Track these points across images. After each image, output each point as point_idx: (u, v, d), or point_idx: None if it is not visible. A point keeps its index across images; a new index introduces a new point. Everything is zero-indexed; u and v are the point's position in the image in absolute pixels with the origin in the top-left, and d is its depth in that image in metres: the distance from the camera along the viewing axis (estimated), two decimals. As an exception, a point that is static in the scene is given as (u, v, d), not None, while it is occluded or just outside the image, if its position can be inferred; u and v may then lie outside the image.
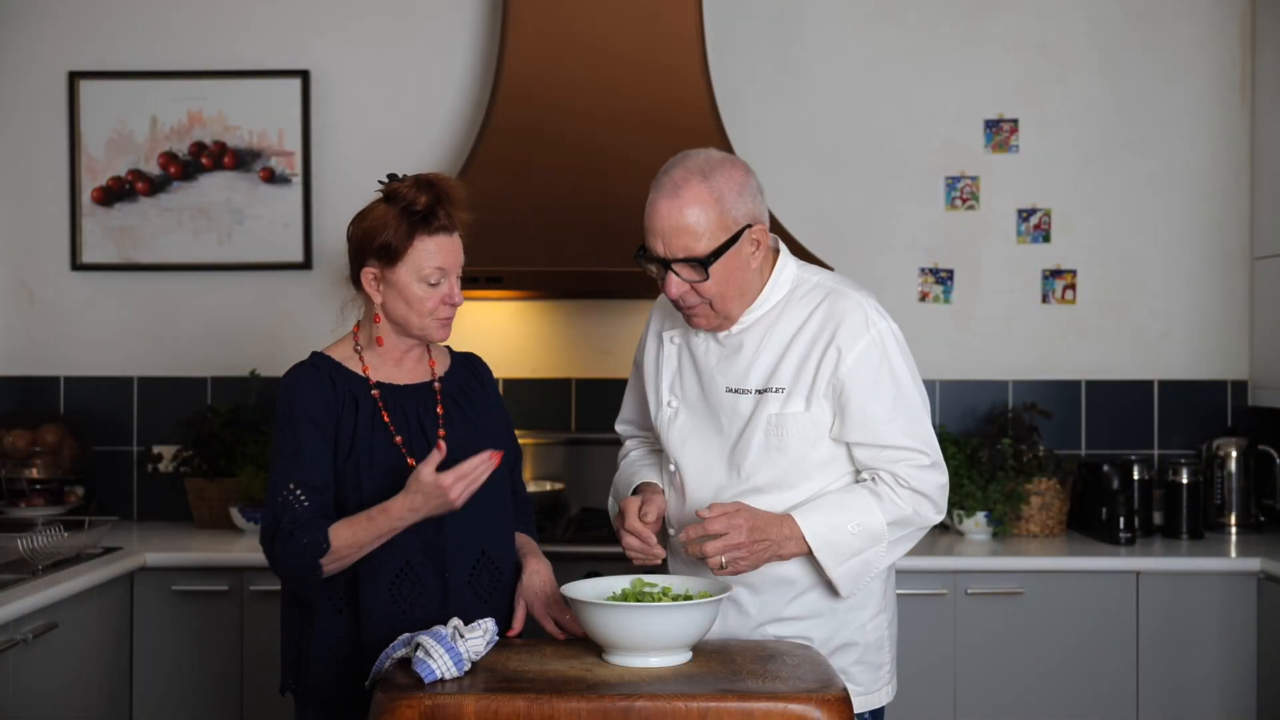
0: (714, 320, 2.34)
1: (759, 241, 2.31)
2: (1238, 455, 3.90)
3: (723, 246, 2.25)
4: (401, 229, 2.28)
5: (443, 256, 2.30)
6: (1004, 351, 4.06)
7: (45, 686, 2.96)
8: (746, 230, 2.28)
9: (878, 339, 2.32)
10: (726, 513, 2.22)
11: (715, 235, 2.25)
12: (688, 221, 2.24)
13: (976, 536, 3.71)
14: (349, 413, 2.30)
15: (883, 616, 2.43)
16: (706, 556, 2.22)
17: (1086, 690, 3.44)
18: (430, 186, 2.30)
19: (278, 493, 2.26)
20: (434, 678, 1.97)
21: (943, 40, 4.06)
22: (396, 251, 2.28)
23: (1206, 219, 4.06)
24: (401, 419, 2.34)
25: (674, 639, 2.08)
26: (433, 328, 2.34)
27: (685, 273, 2.27)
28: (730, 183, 2.26)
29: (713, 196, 2.24)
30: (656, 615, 2.05)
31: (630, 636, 2.05)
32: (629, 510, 2.35)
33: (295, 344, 3.93)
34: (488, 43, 4.04)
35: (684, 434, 2.42)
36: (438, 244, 2.30)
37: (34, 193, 4.08)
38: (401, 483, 2.23)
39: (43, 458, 3.89)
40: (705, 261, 2.25)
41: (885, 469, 2.32)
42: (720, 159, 2.30)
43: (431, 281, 2.30)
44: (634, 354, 2.61)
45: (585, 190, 3.68)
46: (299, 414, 2.29)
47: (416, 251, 2.28)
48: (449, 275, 2.32)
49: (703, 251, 2.24)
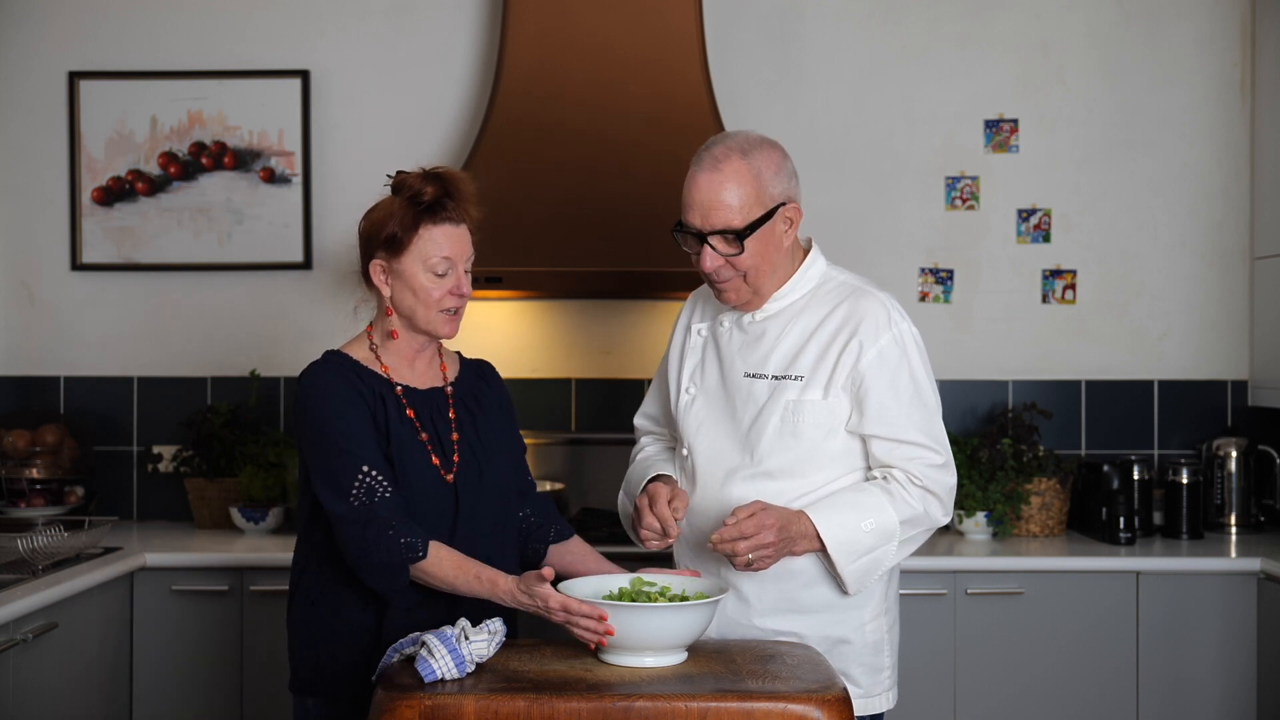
0: (745, 294, 2.40)
1: (791, 220, 2.38)
2: (1238, 455, 3.90)
3: (758, 221, 2.32)
4: (407, 218, 2.29)
5: (449, 246, 2.30)
6: (1004, 351, 4.06)
7: (45, 686, 2.96)
8: (781, 208, 2.35)
9: (899, 338, 2.37)
10: (753, 513, 2.24)
11: (751, 209, 2.32)
12: (726, 195, 2.32)
13: (976, 537, 3.71)
14: (379, 407, 2.29)
15: (883, 619, 2.44)
16: (737, 556, 2.24)
17: (1086, 690, 3.44)
18: (438, 178, 2.32)
19: (353, 474, 2.21)
20: (434, 677, 1.97)
21: (942, 40, 4.06)
22: (402, 241, 2.29)
23: (1206, 219, 4.05)
24: (424, 420, 2.34)
25: (670, 639, 2.07)
26: (439, 322, 2.32)
27: (721, 246, 2.33)
28: (768, 161, 2.35)
29: (751, 172, 2.32)
30: (653, 615, 2.04)
31: (625, 636, 2.05)
32: (659, 495, 2.36)
33: (295, 344, 3.95)
34: (488, 43, 4.04)
35: (699, 418, 2.45)
36: (444, 233, 2.30)
37: (34, 193, 4.08)
38: (424, 483, 2.24)
39: (43, 458, 3.89)
40: (741, 234, 2.31)
41: (899, 465, 2.35)
42: (759, 139, 2.38)
43: (438, 271, 2.30)
44: (640, 351, 2.64)
45: (585, 190, 3.68)
46: (339, 402, 2.26)
47: (422, 240, 2.29)
48: (456, 266, 2.31)
49: (739, 224, 2.32)
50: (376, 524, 2.18)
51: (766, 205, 2.33)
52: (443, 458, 2.31)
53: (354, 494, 2.21)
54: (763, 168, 2.33)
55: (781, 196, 2.35)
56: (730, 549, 2.24)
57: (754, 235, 2.32)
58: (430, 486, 2.29)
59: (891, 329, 2.36)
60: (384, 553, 2.18)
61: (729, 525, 2.24)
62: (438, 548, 2.20)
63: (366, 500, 2.20)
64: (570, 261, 3.59)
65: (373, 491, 2.21)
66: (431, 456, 2.30)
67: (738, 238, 2.32)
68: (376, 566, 2.19)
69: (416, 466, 2.29)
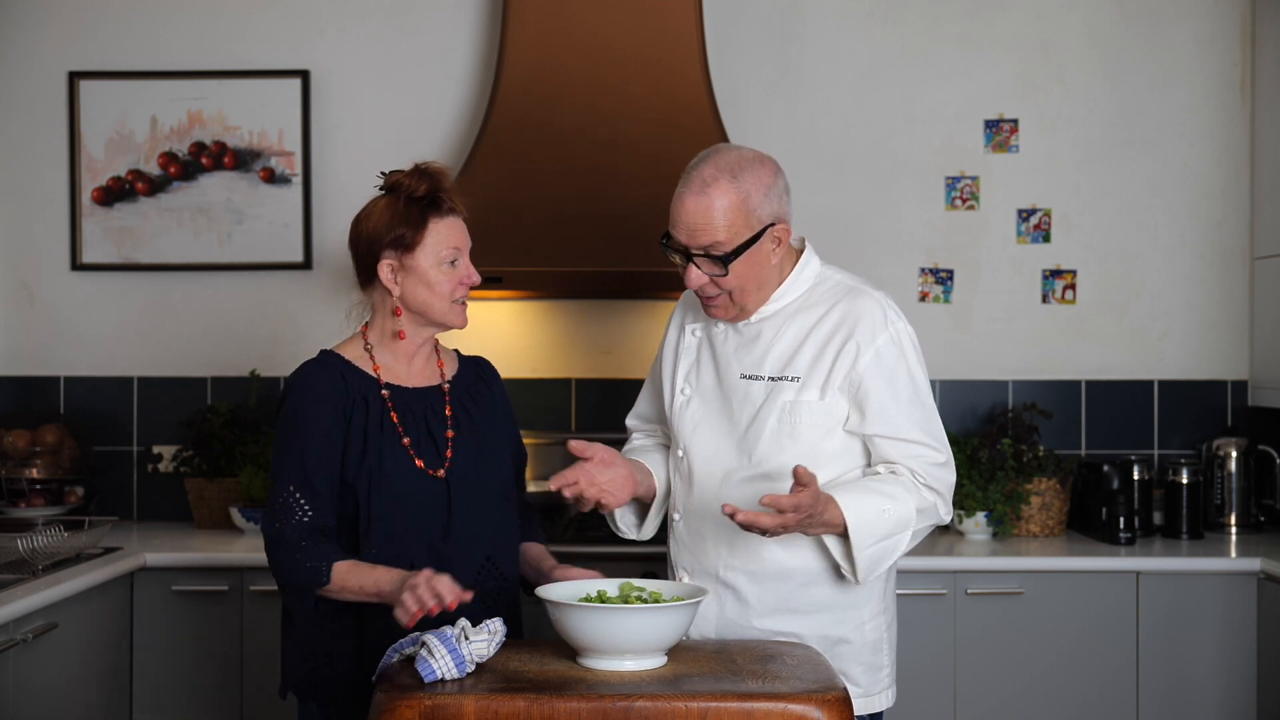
0: (731, 311, 2.38)
1: (780, 239, 2.35)
2: (1238, 455, 3.90)
3: (744, 245, 2.30)
4: (413, 214, 2.32)
5: (456, 237, 2.36)
6: (1004, 351, 4.06)
7: (45, 686, 2.96)
8: (769, 229, 2.32)
9: (896, 337, 2.36)
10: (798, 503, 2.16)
11: (738, 233, 2.29)
12: (713, 219, 2.29)
13: (976, 536, 3.71)
14: (359, 412, 2.31)
15: (882, 618, 2.44)
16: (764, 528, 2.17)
17: (1086, 690, 3.44)
18: (426, 173, 2.36)
19: (279, 493, 2.27)
20: (434, 677, 1.97)
21: (942, 40, 4.06)
22: (413, 238, 2.32)
23: (1206, 219, 4.05)
24: (410, 421, 2.34)
25: (646, 641, 2.04)
26: (454, 312, 2.37)
27: (706, 266, 2.31)
28: (758, 183, 2.31)
29: (739, 196, 2.29)
30: (628, 617, 2.02)
31: (602, 638, 2.03)
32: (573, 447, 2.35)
33: (295, 344, 3.95)
34: (488, 43, 4.04)
35: (695, 420, 2.44)
36: (448, 225, 2.35)
37: (34, 193, 4.08)
38: (408, 485, 2.25)
39: (43, 458, 3.89)
40: (727, 258, 2.29)
41: (904, 463, 2.35)
42: (751, 157, 2.33)
43: (449, 261, 2.34)
44: (640, 351, 2.64)
45: (585, 190, 3.68)
46: (306, 413, 2.30)
47: (431, 234, 2.33)
48: (463, 255, 2.37)
49: (725, 248, 2.29)
50: (285, 546, 2.25)
51: (754, 228, 2.30)
52: (431, 456, 2.32)
53: (271, 513, 2.28)
54: (751, 190, 2.30)
55: (770, 218, 2.32)
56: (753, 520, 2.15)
57: (740, 258, 2.30)
58: (416, 488, 2.29)
59: (888, 328, 2.36)
60: (291, 573, 2.25)
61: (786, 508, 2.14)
62: (342, 573, 2.23)
63: (283, 519, 2.26)
64: (570, 261, 3.59)
65: (290, 512, 2.26)
66: (415, 459, 2.31)
67: (723, 261, 2.29)
68: (285, 586, 2.29)
69: (398, 469, 2.30)
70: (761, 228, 2.31)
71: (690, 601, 2.08)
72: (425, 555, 2.28)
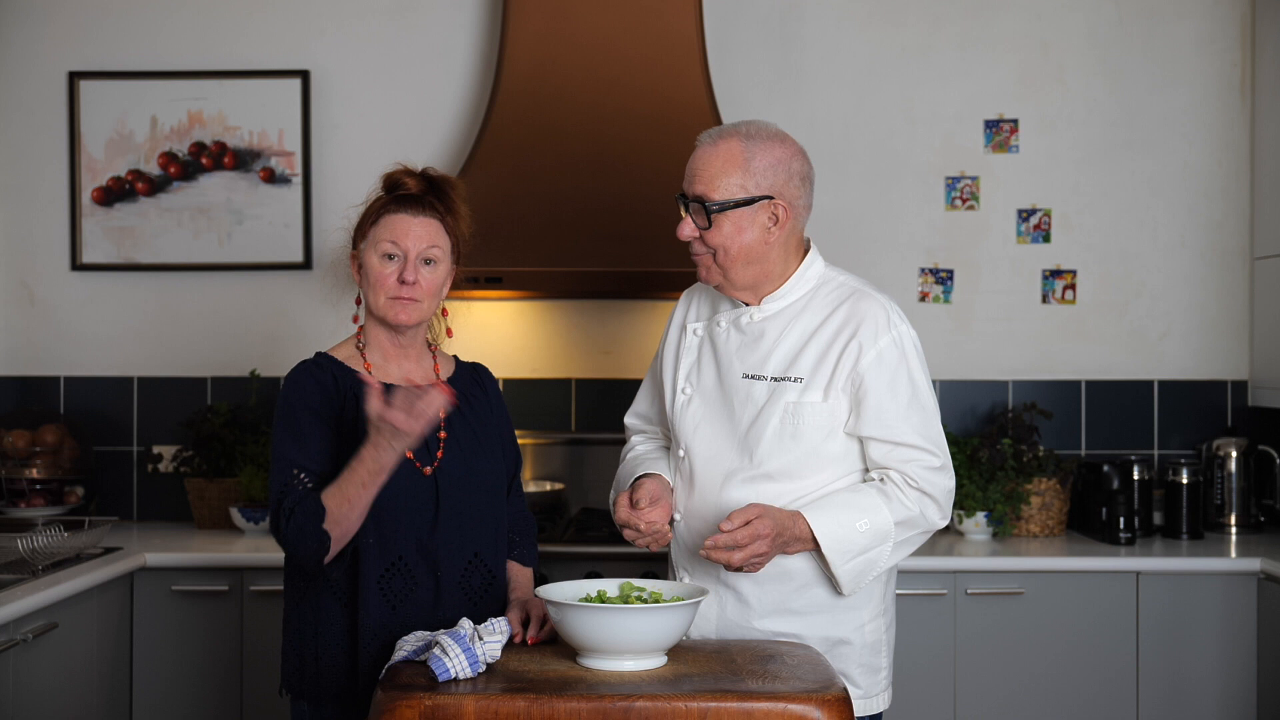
0: (715, 275, 2.39)
1: (778, 217, 2.35)
2: (1238, 455, 3.90)
3: (734, 203, 2.32)
4: (375, 208, 2.36)
5: (400, 232, 2.31)
6: (1004, 351, 4.06)
7: (45, 686, 2.96)
8: (766, 200, 2.33)
9: (898, 340, 2.36)
10: (748, 520, 2.22)
11: (731, 189, 2.32)
12: (711, 166, 2.33)
13: (976, 537, 3.71)
14: (351, 409, 2.31)
15: (881, 620, 2.44)
16: (731, 565, 2.24)
17: (1086, 690, 3.44)
18: (422, 175, 2.37)
19: (282, 479, 2.25)
20: (448, 676, 1.98)
21: (943, 40, 4.06)
22: (365, 229, 2.35)
23: (1206, 219, 4.06)
24: None
25: (646, 642, 2.05)
26: (389, 308, 2.33)
27: (697, 218, 2.35)
28: (767, 152, 2.34)
29: (744, 156, 2.33)
30: (627, 617, 2.02)
31: (602, 638, 2.03)
32: (620, 505, 2.40)
33: (295, 344, 3.94)
34: (488, 43, 4.04)
35: (696, 419, 2.44)
36: (400, 220, 2.32)
37: (34, 193, 4.08)
38: (397, 479, 2.25)
39: (43, 458, 3.89)
40: (710, 208, 2.31)
41: (896, 468, 2.35)
42: (774, 133, 2.38)
43: (385, 253, 2.32)
44: (640, 351, 2.64)
45: (585, 190, 3.68)
46: (301, 405, 2.30)
47: (379, 227, 2.34)
48: (407, 254, 2.32)
49: (712, 199, 2.32)
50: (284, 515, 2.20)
51: (750, 192, 2.32)
52: (422, 453, 2.32)
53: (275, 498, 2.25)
54: (758, 154, 2.33)
55: (770, 190, 2.33)
56: (724, 559, 2.23)
57: (724, 214, 2.32)
58: (404, 481, 2.29)
59: (891, 331, 2.36)
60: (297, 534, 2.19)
61: (724, 533, 2.22)
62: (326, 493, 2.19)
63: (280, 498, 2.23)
64: (570, 261, 3.59)
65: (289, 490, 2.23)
66: (405, 453, 2.31)
67: (707, 211, 2.32)
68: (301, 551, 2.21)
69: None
70: (759, 194, 2.33)
71: (690, 601, 2.08)
72: (413, 550, 2.29)
